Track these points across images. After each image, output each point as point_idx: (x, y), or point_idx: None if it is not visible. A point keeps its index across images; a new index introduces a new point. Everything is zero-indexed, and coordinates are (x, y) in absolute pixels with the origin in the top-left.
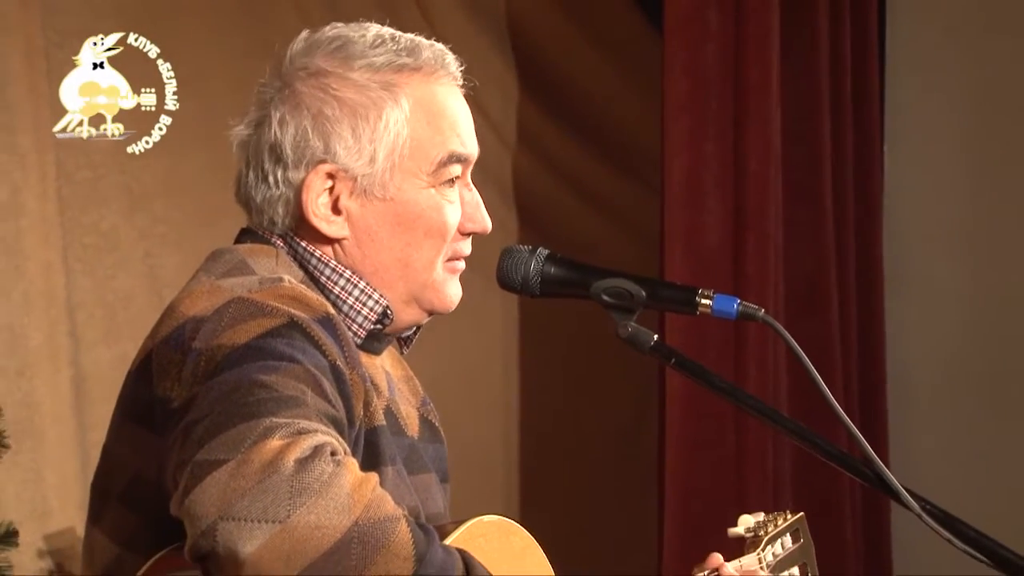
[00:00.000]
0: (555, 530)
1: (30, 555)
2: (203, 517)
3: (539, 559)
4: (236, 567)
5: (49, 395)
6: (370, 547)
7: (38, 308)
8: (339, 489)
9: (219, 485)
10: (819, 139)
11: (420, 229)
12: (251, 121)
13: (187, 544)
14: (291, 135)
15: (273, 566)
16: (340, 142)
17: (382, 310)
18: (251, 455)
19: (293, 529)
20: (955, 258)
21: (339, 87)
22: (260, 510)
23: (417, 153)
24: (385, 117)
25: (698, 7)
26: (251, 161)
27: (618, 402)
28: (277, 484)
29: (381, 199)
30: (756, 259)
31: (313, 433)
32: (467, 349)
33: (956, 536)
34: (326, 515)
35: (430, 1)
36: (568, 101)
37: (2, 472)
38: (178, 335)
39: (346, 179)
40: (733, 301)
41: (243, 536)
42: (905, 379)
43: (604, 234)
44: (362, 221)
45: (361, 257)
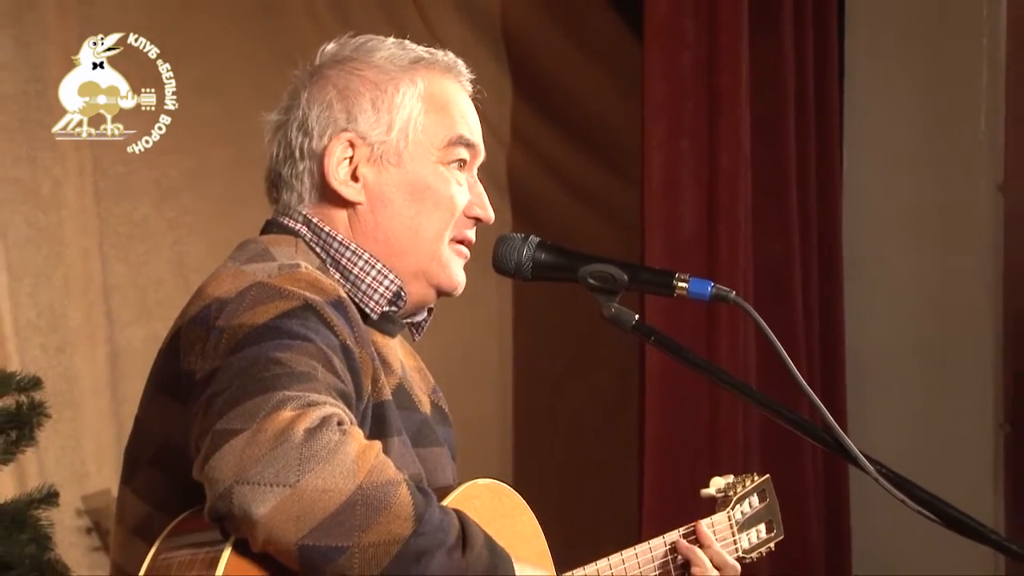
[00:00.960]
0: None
1: (69, 514)
2: (221, 481)
3: (528, 518)
4: (250, 527)
5: (87, 370)
6: (373, 508)
7: (77, 291)
8: (344, 456)
9: (235, 452)
10: (784, 138)
11: (429, 200)
12: (283, 107)
13: (206, 505)
14: (317, 109)
15: (284, 526)
16: (361, 112)
17: (396, 289)
18: (265, 425)
19: (302, 492)
20: (906, 246)
21: (363, 68)
22: (272, 475)
23: (429, 130)
24: (402, 92)
25: (675, 18)
26: (281, 141)
27: (603, 376)
28: (288, 451)
29: (395, 166)
30: (727, 246)
31: (322, 405)
32: (465, 329)
33: (908, 497)
34: (332, 480)
35: (432, 13)
36: (557, 104)
37: (44, 439)
38: (204, 314)
39: (364, 147)
40: (707, 284)
41: (256, 499)
42: (862, 355)
43: (590, 223)
44: (377, 187)
45: (375, 224)
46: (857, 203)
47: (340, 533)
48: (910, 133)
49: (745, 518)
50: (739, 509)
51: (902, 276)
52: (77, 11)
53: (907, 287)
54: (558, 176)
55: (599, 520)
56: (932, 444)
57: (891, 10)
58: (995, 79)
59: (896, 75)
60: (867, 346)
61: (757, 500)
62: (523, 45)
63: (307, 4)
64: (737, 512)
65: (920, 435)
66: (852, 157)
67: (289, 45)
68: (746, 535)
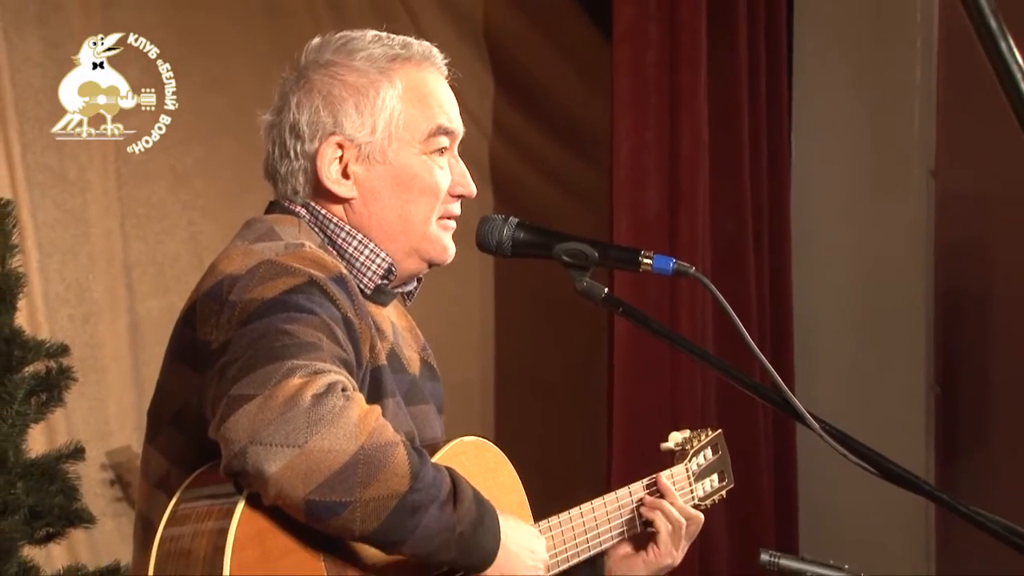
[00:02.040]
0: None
1: (94, 468)
2: (235, 442)
3: (508, 472)
4: (262, 483)
5: (110, 338)
6: (373, 467)
7: (100, 266)
8: (348, 419)
9: (249, 416)
10: (738, 128)
11: (415, 188)
12: (274, 109)
13: (222, 463)
14: (306, 114)
15: (293, 483)
16: (346, 117)
17: (387, 267)
18: (276, 391)
19: (309, 452)
20: (848, 225)
21: (344, 73)
22: (283, 436)
23: (410, 125)
24: (382, 95)
25: (640, 21)
26: (275, 141)
27: (575, 344)
28: (297, 415)
29: (382, 163)
30: (687, 226)
31: (327, 373)
32: (452, 300)
33: (849, 451)
34: (337, 441)
35: (421, 15)
36: (535, 98)
37: (71, 401)
38: (217, 289)
39: (352, 147)
40: (669, 260)
41: (268, 458)
42: (808, 323)
43: (563, 206)
44: (367, 183)
45: (368, 215)
46: (804, 186)
47: (343, 489)
48: (851, 123)
49: (700, 469)
50: (695, 461)
51: (844, 252)
52: (100, 13)
53: (849, 262)
54: (535, 163)
55: (572, 473)
56: (870, 404)
57: (835, 14)
58: (927, 76)
59: (839, 72)
60: (813, 316)
61: (711, 453)
62: (504, 45)
63: (308, 6)
64: (693, 464)
65: (860, 396)
66: (799, 145)
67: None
68: (701, 484)
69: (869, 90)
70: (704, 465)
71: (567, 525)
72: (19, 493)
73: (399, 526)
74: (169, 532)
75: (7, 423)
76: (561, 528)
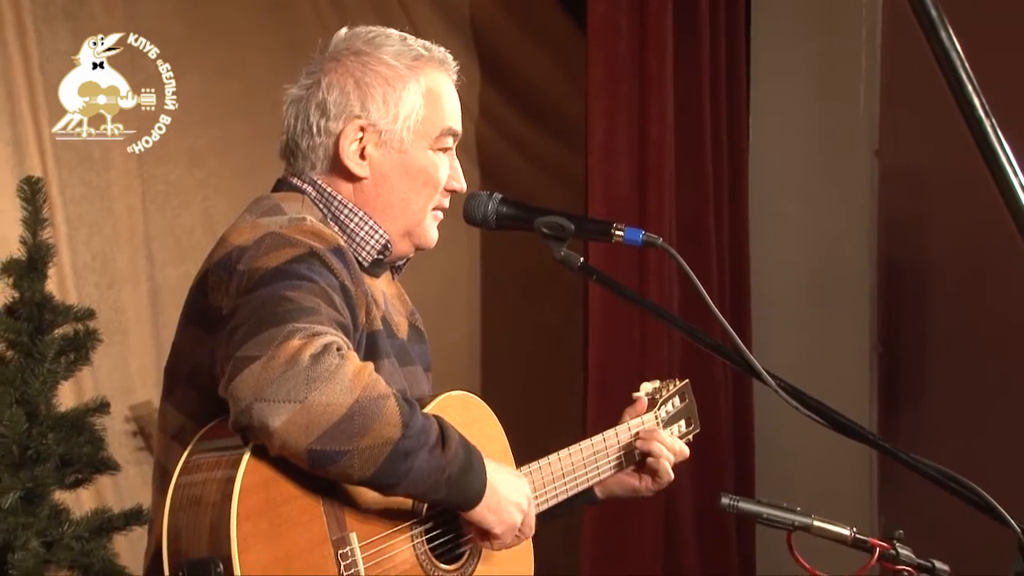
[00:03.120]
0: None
1: (119, 420)
2: (242, 399)
3: (492, 423)
4: (268, 437)
5: (132, 303)
6: (368, 418)
7: (123, 238)
8: (343, 376)
9: (254, 375)
10: (701, 112)
11: (420, 179)
12: (303, 84)
13: (231, 419)
14: (335, 94)
15: (295, 435)
16: (373, 103)
17: (384, 242)
18: (278, 352)
19: (310, 407)
20: (800, 200)
21: (375, 64)
22: (284, 393)
23: (426, 122)
24: (408, 89)
25: (612, 14)
26: (299, 115)
27: (554, 307)
28: (297, 373)
29: (397, 151)
30: (655, 202)
31: (324, 335)
32: (442, 268)
33: (801, 404)
34: (334, 396)
35: (414, 11)
36: (516, 85)
37: (97, 360)
38: (226, 259)
39: (373, 132)
40: (639, 232)
41: (272, 413)
42: (764, 289)
43: (542, 183)
44: (380, 167)
45: (375, 195)
46: (760, 165)
47: (342, 439)
48: (803, 108)
49: (669, 416)
50: (664, 409)
51: (796, 225)
52: (122, 8)
53: (800, 234)
54: (517, 144)
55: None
56: (820, 361)
57: (789, 8)
58: (872, 65)
59: (793, 62)
60: (768, 283)
61: (679, 400)
62: (488, 38)
63: (312, 3)
64: (663, 411)
65: (810, 354)
66: (756, 128)
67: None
68: (670, 430)
69: (819, 78)
70: (672, 412)
71: (547, 469)
72: (50, 443)
73: (393, 470)
74: (182, 480)
75: (39, 380)
76: (541, 472)
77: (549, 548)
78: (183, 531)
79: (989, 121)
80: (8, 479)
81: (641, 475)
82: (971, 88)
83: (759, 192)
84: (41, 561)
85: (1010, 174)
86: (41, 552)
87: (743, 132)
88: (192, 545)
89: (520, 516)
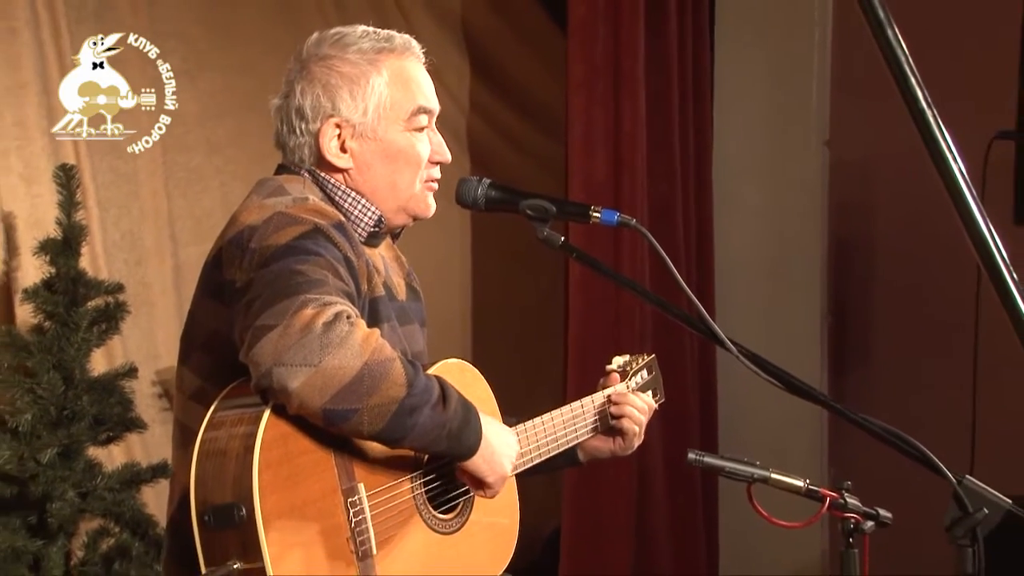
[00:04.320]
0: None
1: (146, 384)
2: (262, 364)
3: (483, 386)
4: (286, 397)
5: (157, 278)
6: (376, 378)
7: (149, 219)
8: (353, 341)
9: (272, 342)
10: (670, 107)
11: (401, 160)
12: (282, 94)
13: (252, 382)
14: (309, 99)
15: (311, 396)
16: (342, 101)
17: (376, 219)
18: (292, 321)
19: (323, 370)
20: (759, 186)
21: (339, 65)
22: (301, 358)
23: (395, 106)
24: (371, 82)
25: (590, 19)
26: (283, 120)
27: (536, 282)
28: (311, 340)
29: (372, 139)
30: (628, 187)
31: (334, 304)
32: (437, 247)
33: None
34: (345, 359)
35: (411, 13)
36: (503, 80)
37: (126, 329)
38: (238, 237)
39: (348, 127)
40: (614, 214)
41: (290, 376)
42: (726, 265)
43: (527, 170)
44: (361, 156)
45: (362, 182)
46: (723, 154)
47: (353, 398)
48: (762, 102)
49: (638, 386)
50: (634, 380)
51: (756, 208)
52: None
53: (759, 216)
54: (504, 135)
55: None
56: (776, 330)
57: (749, 12)
58: (823, 63)
59: (752, 60)
60: (729, 260)
61: (647, 373)
62: (479, 39)
63: (318, 6)
64: (632, 382)
65: (768, 323)
66: (719, 120)
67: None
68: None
69: (776, 75)
70: (641, 383)
71: (531, 430)
72: (84, 404)
73: (399, 426)
74: (208, 435)
75: (74, 348)
76: (527, 432)
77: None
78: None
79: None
80: (47, 437)
81: (615, 437)
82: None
83: (721, 178)
84: (77, 510)
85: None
86: (77, 502)
87: (707, 124)
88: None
89: (510, 467)
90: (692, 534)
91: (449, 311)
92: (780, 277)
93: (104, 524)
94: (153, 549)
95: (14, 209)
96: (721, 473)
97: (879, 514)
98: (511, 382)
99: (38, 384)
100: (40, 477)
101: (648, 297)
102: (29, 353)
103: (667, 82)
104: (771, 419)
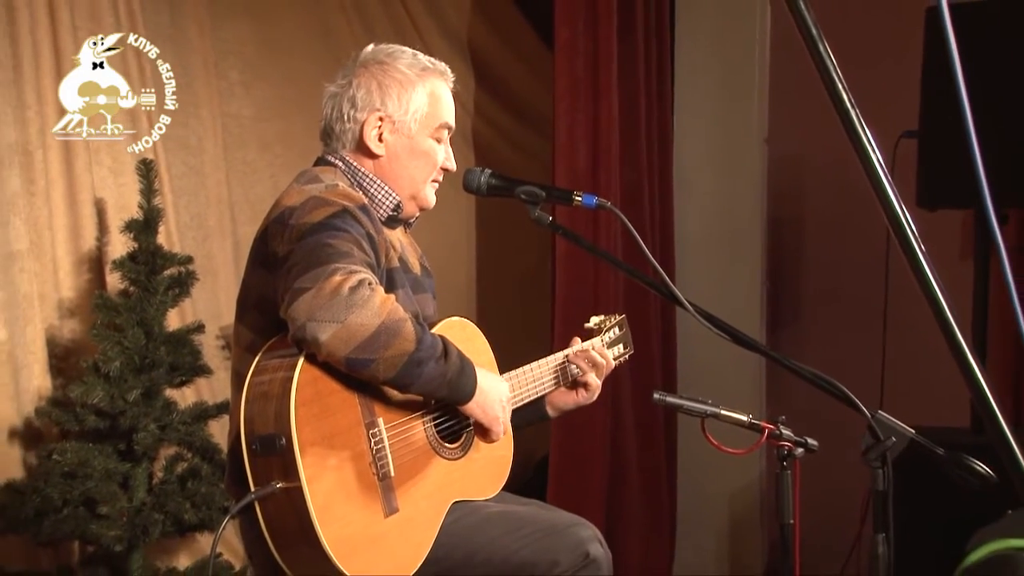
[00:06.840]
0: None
1: (211, 337)
2: (298, 319)
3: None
4: (317, 348)
5: (220, 252)
6: (391, 334)
7: (213, 204)
8: (373, 303)
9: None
10: (638, 111)
11: (423, 159)
12: (340, 84)
13: (289, 334)
14: (363, 92)
15: (337, 347)
16: (389, 100)
17: (396, 203)
18: (324, 284)
19: (348, 326)
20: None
21: (392, 72)
22: (330, 315)
23: (428, 117)
24: (416, 91)
25: (573, 38)
26: (335, 106)
27: (528, 256)
28: (339, 301)
29: (407, 136)
30: (605, 176)
31: (359, 272)
32: (447, 226)
33: (712, 324)
34: (366, 318)
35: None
36: (501, 89)
37: (195, 293)
38: (281, 216)
39: (389, 121)
40: (593, 198)
41: (321, 330)
42: (684, 241)
43: (522, 163)
44: (393, 148)
45: (389, 169)
46: (682, 148)
47: (371, 350)
48: (713, 106)
49: (611, 340)
50: (608, 335)
51: (708, 192)
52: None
53: (711, 199)
54: (502, 133)
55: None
56: (726, 293)
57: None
58: (763, 73)
59: (706, 70)
60: (687, 235)
61: (618, 330)
62: (481, 55)
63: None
64: (606, 337)
65: (718, 287)
66: (679, 119)
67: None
68: (611, 351)
69: (725, 83)
70: (613, 338)
71: (521, 376)
72: (162, 354)
73: (409, 374)
74: (254, 380)
75: (153, 308)
76: (518, 378)
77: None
78: (256, 416)
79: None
80: (132, 380)
81: (578, 389)
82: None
83: (681, 168)
84: (157, 440)
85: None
86: (157, 433)
87: (669, 125)
88: (262, 425)
89: (501, 410)
90: (656, 461)
91: (457, 279)
92: (728, 250)
93: (179, 451)
94: (219, 471)
95: (105, 196)
96: (680, 410)
97: (808, 442)
98: (508, 337)
99: (125, 338)
100: (127, 413)
101: (620, 266)
102: (117, 312)
103: (636, 90)
104: (720, 365)
